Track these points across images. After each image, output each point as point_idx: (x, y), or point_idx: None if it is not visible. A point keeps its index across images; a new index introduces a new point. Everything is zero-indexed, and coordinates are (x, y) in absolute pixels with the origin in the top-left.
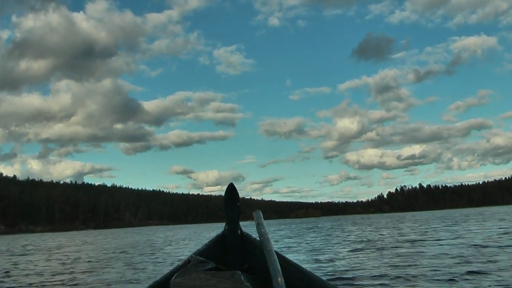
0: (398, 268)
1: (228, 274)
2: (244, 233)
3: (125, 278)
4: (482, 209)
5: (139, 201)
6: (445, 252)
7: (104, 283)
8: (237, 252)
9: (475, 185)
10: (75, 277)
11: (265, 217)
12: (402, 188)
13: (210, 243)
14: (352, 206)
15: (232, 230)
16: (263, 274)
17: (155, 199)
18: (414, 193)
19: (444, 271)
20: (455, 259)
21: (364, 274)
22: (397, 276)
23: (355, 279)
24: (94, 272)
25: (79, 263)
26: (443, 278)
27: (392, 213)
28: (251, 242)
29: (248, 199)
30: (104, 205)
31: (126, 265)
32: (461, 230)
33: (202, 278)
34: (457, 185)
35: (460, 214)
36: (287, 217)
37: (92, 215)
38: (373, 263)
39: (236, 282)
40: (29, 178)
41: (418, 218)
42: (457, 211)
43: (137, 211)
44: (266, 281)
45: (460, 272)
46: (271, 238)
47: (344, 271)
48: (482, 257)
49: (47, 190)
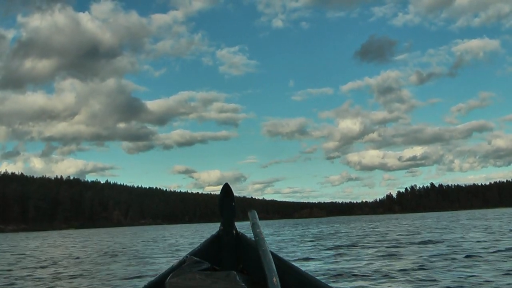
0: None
1: (223, 275)
2: (239, 233)
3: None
4: (504, 210)
5: (131, 199)
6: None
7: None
8: (232, 252)
9: (491, 185)
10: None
11: (268, 217)
12: (412, 188)
13: (205, 243)
14: (358, 207)
15: (227, 230)
16: (258, 274)
17: (149, 197)
18: (426, 193)
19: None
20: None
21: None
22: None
23: (349, 279)
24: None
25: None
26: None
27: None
28: (246, 242)
29: (249, 198)
30: (89, 202)
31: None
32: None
33: (197, 278)
34: (471, 185)
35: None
36: (290, 217)
37: (76, 214)
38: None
39: (231, 282)
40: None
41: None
42: (479, 211)
43: (129, 210)
44: (261, 281)
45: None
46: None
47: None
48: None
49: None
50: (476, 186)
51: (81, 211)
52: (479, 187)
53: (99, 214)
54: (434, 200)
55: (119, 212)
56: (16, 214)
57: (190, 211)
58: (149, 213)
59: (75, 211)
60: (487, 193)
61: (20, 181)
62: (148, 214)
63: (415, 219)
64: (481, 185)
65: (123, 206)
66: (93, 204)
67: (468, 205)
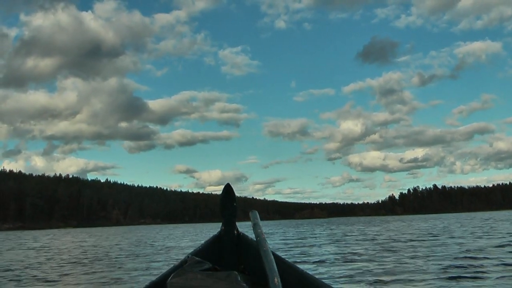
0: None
1: (224, 275)
2: (241, 234)
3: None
4: (508, 212)
5: (131, 198)
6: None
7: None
8: (234, 252)
9: (494, 187)
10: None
11: (268, 218)
12: (415, 189)
13: (207, 243)
14: (360, 208)
15: (228, 230)
16: (259, 274)
17: (149, 197)
18: (428, 195)
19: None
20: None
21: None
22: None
23: (351, 279)
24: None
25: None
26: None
27: (406, 216)
28: (248, 243)
29: (250, 199)
30: (88, 201)
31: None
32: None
33: (198, 278)
34: (474, 187)
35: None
36: (292, 217)
37: (74, 212)
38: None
39: (232, 282)
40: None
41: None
42: (485, 213)
43: (128, 209)
44: (263, 282)
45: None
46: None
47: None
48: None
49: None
50: (479, 188)
51: (79, 210)
52: (482, 189)
53: (98, 213)
54: (437, 202)
55: (118, 211)
56: (12, 212)
57: (190, 211)
58: (148, 212)
59: (73, 210)
60: (490, 195)
61: (17, 179)
62: (148, 214)
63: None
64: (484, 187)
65: (122, 205)
66: (91, 203)
67: (471, 207)
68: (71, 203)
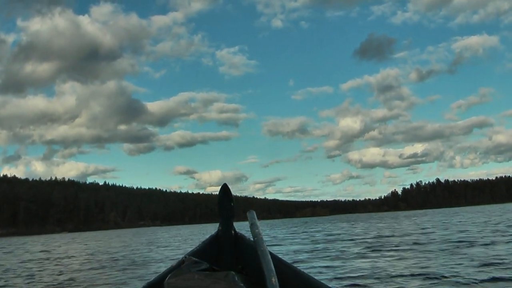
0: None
1: (222, 275)
2: (238, 234)
3: None
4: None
5: (129, 200)
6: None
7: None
8: (231, 252)
9: (498, 180)
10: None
11: (269, 217)
12: (417, 184)
13: (204, 243)
14: (362, 204)
15: (226, 230)
16: (257, 274)
17: (148, 198)
18: (431, 189)
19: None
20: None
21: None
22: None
23: (349, 280)
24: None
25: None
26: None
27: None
28: (245, 243)
29: (251, 198)
30: (85, 204)
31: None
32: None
33: (196, 278)
34: (477, 180)
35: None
36: (293, 216)
37: (70, 216)
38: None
39: (230, 282)
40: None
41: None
42: (489, 206)
43: (126, 211)
44: (260, 282)
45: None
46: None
47: None
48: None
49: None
50: (483, 182)
51: (75, 213)
52: (486, 183)
53: (95, 216)
54: (440, 197)
55: (116, 213)
56: (5, 217)
57: (190, 212)
58: (147, 214)
59: (69, 214)
60: (494, 188)
61: (11, 183)
62: (147, 215)
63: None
64: (487, 180)
65: (121, 207)
66: (88, 206)
67: (475, 201)
68: (67, 206)
